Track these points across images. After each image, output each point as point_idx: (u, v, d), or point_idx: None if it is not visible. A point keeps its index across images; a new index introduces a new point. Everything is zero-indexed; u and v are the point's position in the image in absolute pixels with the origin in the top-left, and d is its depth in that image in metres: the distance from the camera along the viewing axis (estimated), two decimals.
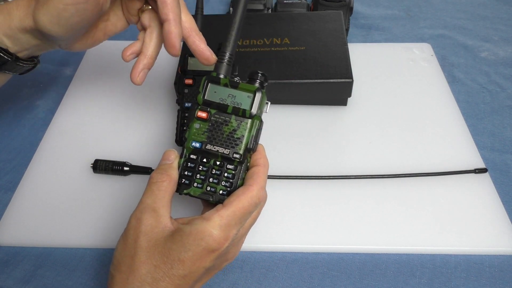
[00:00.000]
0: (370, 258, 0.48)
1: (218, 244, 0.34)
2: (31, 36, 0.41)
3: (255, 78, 0.39)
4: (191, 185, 0.39)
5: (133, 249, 0.34)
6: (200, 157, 0.39)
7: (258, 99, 0.38)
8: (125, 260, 0.34)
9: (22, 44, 0.42)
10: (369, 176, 0.54)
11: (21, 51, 0.43)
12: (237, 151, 0.38)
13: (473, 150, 0.57)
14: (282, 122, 0.61)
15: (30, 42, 0.42)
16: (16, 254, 0.49)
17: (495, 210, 0.51)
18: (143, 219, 0.35)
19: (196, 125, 0.39)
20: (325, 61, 0.61)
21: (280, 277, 0.46)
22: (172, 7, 0.38)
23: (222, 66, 0.39)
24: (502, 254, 0.48)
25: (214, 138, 0.39)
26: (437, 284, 0.45)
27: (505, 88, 0.68)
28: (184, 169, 0.39)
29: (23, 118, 0.64)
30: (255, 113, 0.38)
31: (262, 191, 0.38)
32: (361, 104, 0.64)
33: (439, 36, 0.78)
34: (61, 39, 0.41)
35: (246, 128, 0.38)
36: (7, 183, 0.56)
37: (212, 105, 0.39)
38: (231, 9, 0.77)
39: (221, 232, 0.34)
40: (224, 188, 0.38)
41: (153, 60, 0.43)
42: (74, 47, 0.44)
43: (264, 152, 0.41)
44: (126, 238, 0.35)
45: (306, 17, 0.68)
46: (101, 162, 0.54)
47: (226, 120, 0.39)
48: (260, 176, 0.38)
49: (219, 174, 0.39)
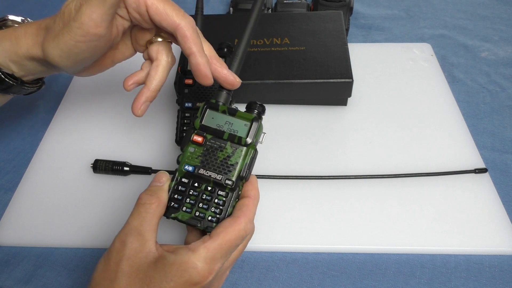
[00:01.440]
0: (370, 258, 0.48)
1: (201, 277, 0.33)
2: (38, 64, 0.41)
3: (253, 108, 0.40)
4: (180, 209, 0.38)
5: (114, 272, 0.33)
6: (191, 181, 0.39)
7: (255, 128, 0.39)
8: (104, 283, 0.33)
9: (28, 70, 0.42)
10: (369, 176, 0.54)
11: (26, 76, 0.43)
12: (230, 178, 0.38)
13: (473, 150, 0.57)
14: (282, 122, 0.61)
15: (36, 68, 0.42)
16: (16, 254, 0.49)
17: (495, 210, 0.51)
18: (128, 242, 0.34)
19: (191, 148, 0.39)
20: (325, 61, 0.61)
21: (280, 277, 0.46)
22: (194, 39, 0.38)
23: (221, 95, 0.40)
24: (502, 254, 0.48)
25: (208, 163, 0.39)
26: (437, 284, 0.45)
27: (505, 88, 0.68)
28: (174, 192, 0.39)
29: (23, 118, 0.64)
30: (251, 141, 0.38)
31: (250, 224, 0.37)
32: (361, 104, 0.64)
33: (439, 36, 0.78)
34: (68, 70, 0.41)
35: (241, 156, 0.38)
36: (7, 183, 0.56)
37: (208, 130, 0.39)
38: (231, 9, 0.77)
39: (205, 265, 0.33)
40: (213, 215, 0.38)
41: (156, 94, 0.42)
42: (81, 75, 0.44)
43: (256, 184, 0.40)
44: (108, 260, 0.34)
45: (306, 17, 0.68)
46: (101, 162, 0.54)
47: (221, 146, 0.39)
48: (250, 208, 0.38)
49: (209, 199, 0.38)
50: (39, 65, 0.42)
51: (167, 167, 0.55)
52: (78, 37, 0.36)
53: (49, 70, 0.43)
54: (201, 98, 0.54)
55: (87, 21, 0.35)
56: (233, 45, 0.64)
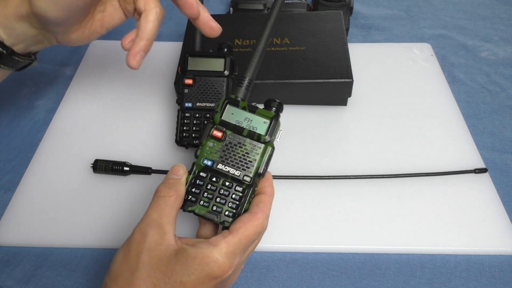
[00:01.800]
0: (370, 258, 0.48)
1: (222, 272, 0.34)
2: (27, 24, 0.41)
3: (272, 106, 0.40)
4: (197, 202, 0.39)
5: (134, 264, 0.33)
6: (209, 176, 0.39)
7: (274, 126, 0.39)
8: (124, 274, 0.34)
9: (17, 35, 0.41)
10: (369, 176, 0.54)
11: (17, 44, 0.42)
12: (248, 174, 0.38)
13: (473, 150, 0.57)
14: (282, 122, 0.60)
15: (26, 32, 0.41)
16: (16, 254, 0.49)
17: (495, 210, 0.51)
18: (148, 234, 0.34)
19: (210, 143, 0.39)
20: (325, 61, 0.61)
21: (280, 277, 0.46)
22: None
23: (240, 90, 0.40)
24: (502, 254, 0.48)
25: (227, 159, 0.39)
26: (437, 284, 0.45)
27: (505, 88, 0.68)
28: (191, 185, 0.39)
29: (23, 118, 0.64)
30: (269, 139, 0.39)
31: (266, 220, 0.37)
32: (361, 104, 0.64)
33: (439, 36, 0.78)
34: (57, 22, 0.40)
35: (259, 153, 0.39)
36: (7, 183, 0.56)
37: (228, 126, 0.39)
38: (231, 9, 0.77)
39: (226, 260, 0.34)
40: (230, 210, 0.38)
41: (149, 43, 0.41)
42: (71, 38, 0.43)
43: (271, 180, 0.41)
44: (128, 251, 0.34)
45: (306, 17, 0.68)
46: (101, 162, 0.54)
47: (240, 143, 0.39)
48: (266, 205, 0.38)
49: (227, 195, 0.38)
50: (29, 26, 0.41)
51: (167, 167, 0.55)
52: None
53: (39, 35, 0.42)
54: (201, 98, 0.54)
55: None
56: (233, 45, 0.64)
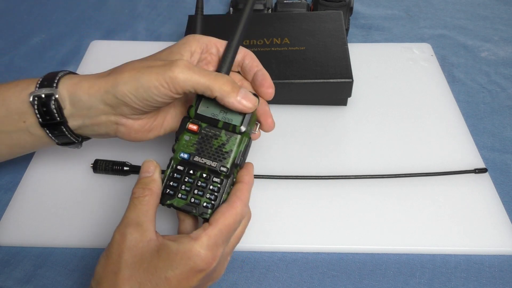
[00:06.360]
0: (370, 258, 0.48)
1: (206, 264, 0.34)
2: (99, 100, 0.40)
3: None
4: (175, 196, 0.39)
5: (117, 264, 0.33)
6: (187, 169, 0.39)
7: (249, 117, 0.40)
8: (108, 276, 0.34)
9: (82, 109, 0.40)
10: (369, 176, 0.54)
11: (75, 116, 0.41)
12: (224, 165, 0.39)
13: (473, 150, 0.57)
14: (282, 122, 0.61)
15: (93, 106, 0.40)
16: (16, 254, 0.49)
17: (495, 210, 0.51)
18: (127, 233, 0.34)
19: (186, 137, 0.40)
20: (325, 61, 0.61)
21: (280, 277, 0.46)
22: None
23: None
24: (502, 254, 0.48)
25: (203, 151, 0.39)
26: (437, 284, 0.45)
27: (505, 88, 0.68)
28: (170, 179, 0.39)
29: None
30: (245, 129, 0.39)
31: (245, 208, 0.38)
32: (361, 104, 0.64)
33: (439, 36, 0.78)
34: (130, 112, 0.40)
35: (235, 143, 0.39)
36: (7, 183, 0.56)
37: (203, 119, 0.40)
38: (231, 9, 0.77)
39: (209, 252, 0.34)
40: (208, 201, 0.38)
41: None
42: (133, 133, 0.43)
43: (251, 169, 0.41)
44: (110, 253, 0.34)
45: (306, 17, 0.68)
46: (101, 162, 0.54)
47: (216, 134, 0.40)
48: (244, 193, 0.38)
49: (204, 186, 0.39)
50: (100, 101, 0.40)
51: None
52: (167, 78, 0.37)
53: (103, 117, 0.41)
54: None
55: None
56: None
